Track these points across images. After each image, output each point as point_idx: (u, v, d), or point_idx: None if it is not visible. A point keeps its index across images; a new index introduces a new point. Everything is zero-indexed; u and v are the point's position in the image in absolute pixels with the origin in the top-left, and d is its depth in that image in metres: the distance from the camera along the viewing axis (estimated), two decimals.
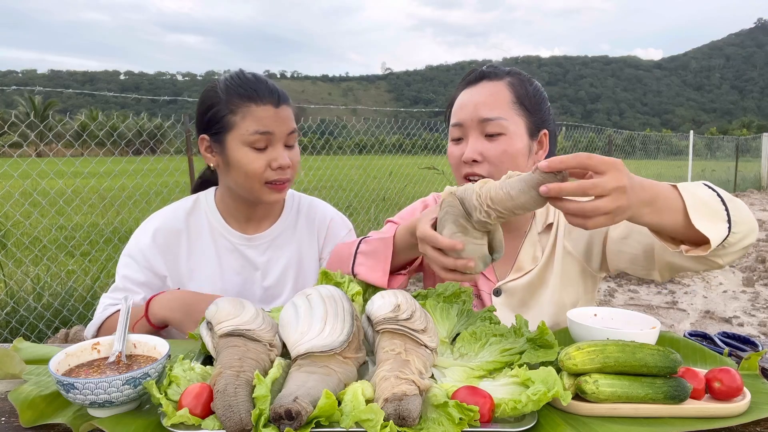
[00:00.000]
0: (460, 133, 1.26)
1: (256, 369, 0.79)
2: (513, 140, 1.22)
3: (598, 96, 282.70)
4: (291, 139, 1.33)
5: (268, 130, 1.28)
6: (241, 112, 1.28)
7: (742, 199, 14.72)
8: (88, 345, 0.87)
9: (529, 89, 1.26)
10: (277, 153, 1.29)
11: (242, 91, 1.29)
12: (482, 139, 1.22)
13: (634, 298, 5.04)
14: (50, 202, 5.28)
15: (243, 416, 0.69)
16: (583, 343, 0.82)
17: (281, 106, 1.31)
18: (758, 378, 0.89)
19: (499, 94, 1.23)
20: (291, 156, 1.33)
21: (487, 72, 1.28)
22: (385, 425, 0.67)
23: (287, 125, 1.32)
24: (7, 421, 0.79)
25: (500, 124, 1.21)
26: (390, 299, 0.90)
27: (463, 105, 1.26)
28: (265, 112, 1.28)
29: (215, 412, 0.71)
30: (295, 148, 1.36)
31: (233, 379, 0.74)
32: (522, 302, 1.31)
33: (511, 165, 1.20)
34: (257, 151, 1.28)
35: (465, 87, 1.29)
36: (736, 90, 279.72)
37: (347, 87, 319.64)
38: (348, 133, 7.42)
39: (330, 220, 1.53)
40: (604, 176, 0.81)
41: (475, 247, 0.94)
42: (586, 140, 11.63)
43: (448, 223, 0.95)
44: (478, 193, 0.90)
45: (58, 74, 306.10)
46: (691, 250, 0.95)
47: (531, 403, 0.73)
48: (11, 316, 3.77)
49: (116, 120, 6.28)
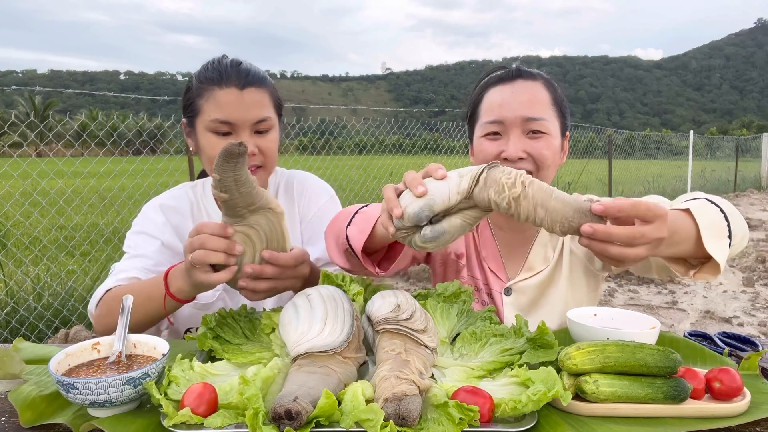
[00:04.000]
0: (499, 130, 1.23)
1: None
2: (553, 141, 1.23)
3: (598, 96, 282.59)
4: (261, 126, 1.27)
5: (227, 119, 1.23)
6: (205, 96, 1.24)
7: (742, 199, 14.70)
8: (88, 345, 0.87)
9: (560, 92, 1.28)
10: (240, 139, 1.21)
11: (208, 74, 1.25)
12: (524, 138, 1.22)
13: (634, 298, 5.04)
14: (50, 202, 5.27)
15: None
16: (583, 343, 0.82)
17: (248, 89, 1.24)
18: (758, 378, 0.89)
19: (540, 94, 1.24)
20: (261, 143, 1.27)
21: (523, 71, 1.27)
22: (385, 425, 0.67)
23: (253, 112, 1.24)
24: (7, 421, 0.79)
25: (544, 124, 1.21)
26: (390, 299, 0.90)
27: (505, 102, 1.23)
28: (227, 95, 1.23)
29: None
30: (270, 134, 1.29)
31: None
32: (532, 302, 1.32)
33: (551, 165, 1.21)
34: (220, 136, 1.24)
35: (497, 84, 1.27)
36: (736, 90, 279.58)
37: (347, 87, 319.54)
38: (348, 133, 7.42)
39: (306, 182, 1.48)
40: (649, 226, 0.82)
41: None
42: (586, 140, 11.63)
43: (454, 174, 0.87)
44: (520, 171, 0.85)
45: (58, 74, 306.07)
46: (699, 274, 0.98)
47: (531, 403, 0.73)
48: (11, 316, 3.77)
49: (116, 120, 6.28)
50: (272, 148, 1.30)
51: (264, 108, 1.27)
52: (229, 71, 1.25)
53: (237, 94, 1.23)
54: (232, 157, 0.88)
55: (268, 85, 1.30)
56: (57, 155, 4.97)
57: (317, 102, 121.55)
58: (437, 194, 0.85)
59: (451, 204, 0.85)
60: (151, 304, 1.10)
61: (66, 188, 5.36)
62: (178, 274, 1.07)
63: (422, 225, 0.86)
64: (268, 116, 1.28)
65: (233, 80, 1.23)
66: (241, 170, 0.90)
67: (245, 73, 1.25)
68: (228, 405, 0.74)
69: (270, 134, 1.30)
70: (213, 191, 0.92)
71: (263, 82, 1.28)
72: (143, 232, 1.34)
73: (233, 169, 0.89)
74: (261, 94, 1.27)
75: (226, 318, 1.02)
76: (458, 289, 1.08)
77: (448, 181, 0.86)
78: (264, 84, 1.28)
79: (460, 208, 0.86)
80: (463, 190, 0.84)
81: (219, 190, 0.91)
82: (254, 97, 1.25)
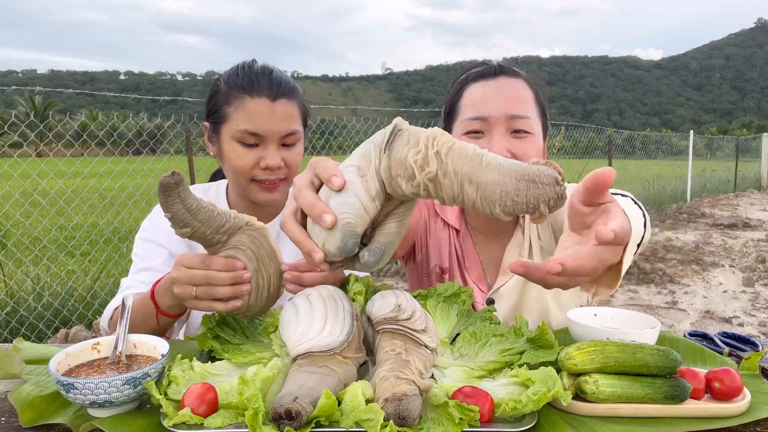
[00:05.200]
0: (481, 128, 1.17)
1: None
2: (537, 141, 1.18)
3: (598, 96, 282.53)
4: (289, 140, 1.24)
5: (257, 131, 1.20)
6: (234, 104, 1.21)
7: (742, 199, 14.69)
8: (88, 345, 0.87)
9: (542, 91, 1.24)
10: (267, 152, 1.21)
11: (239, 81, 1.22)
12: (508, 137, 1.16)
13: (634, 298, 5.04)
14: (50, 202, 5.27)
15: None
16: (583, 343, 0.82)
17: (279, 101, 1.21)
18: (758, 378, 0.89)
19: (524, 92, 1.19)
20: (287, 156, 1.24)
21: (505, 68, 1.22)
22: (385, 425, 0.67)
23: (283, 125, 1.22)
24: (7, 421, 0.79)
25: (529, 123, 1.16)
26: (390, 299, 0.90)
27: (488, 98, 1.17)
28: (258, 106, 1.20)
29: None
30: (296, 147, 1.28)
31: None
32: (513, 306, 1.29)
33: None
34: (247, 147, 1.21)
35: (478, 80, 1.21)
36: (736, 90, 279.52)
37: (347, 87, 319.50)
38: (348, 133, 7.41)
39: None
40: (612, 249, 0.67)
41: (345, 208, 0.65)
42: (586, 140, 11.64)
43: (354, 155, 0.68)
44: (432, 135, 0.64)
45: (58, 74, 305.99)
46: (599, 289, 0.80)
47: (531, 403, 0.72)
48: (11, 316, 3.77)
49: (116, 120, 6.28)
50: (297, 161, 1.28)
51: (293, 121, 1.25)
52: (261, 80, 1.21)
53: (268, 106, 1.20)
54: (171, 189, 0.81)
55: (298, 95, 1.28)
56: (57, 155, 4.97)
57: (317, 102, 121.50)
58: (351, 214, 0.66)
59: (372, 216, 0.67)
60: (151, 322, 1.09)
61: (66, 188, 5.36)
62: (163, 293, 1.04)
63: (355, 253, 0.70)
64: (297, 129, 1.26)
65: (265, 90, 1.20)
66: (188, 199, 0.83)
67: (277, 83, 1.22)
68: (228, 405, 0.74)
69: (297, 147, 1.28)
70: (176, 232, 0.85)
71: (293, 93, 1.25)
72: (150, 239, 1.32)
73: (180, 201, 0.82)
74: (291, 106, 1.24)
75: (226, 318, 1.02)
76: (458, 289, 1.08)
77: (352, 188, 0.66)
78: (294, 95, 1.26)
79: (387, 211, 0.69)
80: (377, 192, 0.66)
81: (179, 227, 0.84)
82: (285, 109, 1.22)
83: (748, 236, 8.25)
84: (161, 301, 1.05)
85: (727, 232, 8.69)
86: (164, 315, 1.07)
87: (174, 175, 0.81)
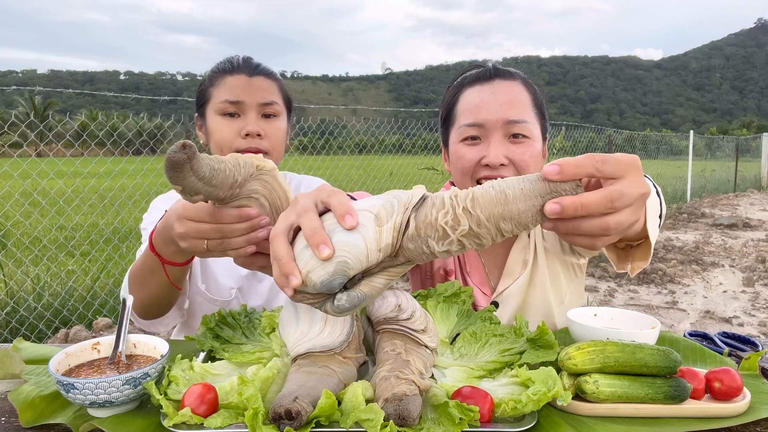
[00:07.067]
0: (478, 134, 1.16)
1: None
2: (535, 145, 1.17)
3: (598, 96, 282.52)
4: (268, 110, 1.31)
5: (237, 99, 1.28)
6: (216, 84, 1.31)
7: (742, 199, 14.69)
8: (88, 345, 0.87)
9: (539, 92, 1.22)
10: (248, 120, 1.29)
11: (221, 66, 1.34)
12: (506, 142, 1.15)
13: (634, 298, 5.04)
14: (50, 202, 5.28)
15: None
16: (583, 343, 0.82)
17: (256, 76, 1.31)
18: (758, 378, 0.89)
19: (521, 95, 1.17)
20: (267, 127, 1.30)
21: (500, 70, 1.21)
22: (385, 425, 0.67)
23: (260, 94, 1.30)
24: (7, 421, 0.79)
25: (527, 127, 1.15)
26: (390, 299, 0.90)
27: (483, 104, 1.16)
28: (236, 80, 1.29)
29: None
30: (277, 121, 1.32)
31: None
32: (517, 308, 1.29)
33: (535, 171, 1.11)
34: (228, 118, 1.29)
35: (473, 84, 1.20)
36: (736, 90, 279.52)
37: (347, 87, 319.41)
38: (348, 133, 7.42)
39: (314, 185, 1.44)
40: (623, 181, 0.60)
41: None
42: (586, 140, 11.63)
43: (372, 202, 0.66)
44: (453, 194, 0.64)
45: (58, 74, 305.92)
46: (634, 263, 0.94)
47: (531, 403, 0.72)
48: (11, 316, 3.77)
49: (116, 120, 6.28)
50: (279, 136, 1.33)
51: (272, 93, 1.33)
52: (240, 62, 1.33)
53: (246, 79, 1.30)
54: (182, 165, 0.70)
55: (278, 80, 1.36)
56: (57, 155, 4.97)
57: (317, 102, 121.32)
58: (351, 254, 0.62)
59: (370, 264, 0.64)
60: (160, 277, 1.04)
61: (66, 188, 5.36)
62: (162, 243, 0.97)
63: (334, 292, 0.65)
64: (276, 101, 1.33)
65: (243, 69, 1.31)
66: (201, 169, 0.73)
67: (255, 65, 1.33)
68: (228, 405, 0.74)
69: (277, 121, 1.33)
70: (184, 198, 0.76)
71: (272, 76, 1.34)
72: (151, 223, 1.33)
73: (192, 173, 0.72)
74: (269, 82, 1.33)
75: (226, 318, 1.02)
76: (458, 289, 1.08)
77: (363, 231, 0.63)
78: (273, 77, 1.35)
79: (384, 266, 0.66)
80: (386, 246, 0.63)
81: (189, 195, 0.74)
82: (262, 83, 1.32)
83: (748, 236, 8.25)
84: (163, 251, 0.99)
85: (727, 232, 8.68)
86: (171, 264, 1.02)
87: (185, 148, 0.69)
